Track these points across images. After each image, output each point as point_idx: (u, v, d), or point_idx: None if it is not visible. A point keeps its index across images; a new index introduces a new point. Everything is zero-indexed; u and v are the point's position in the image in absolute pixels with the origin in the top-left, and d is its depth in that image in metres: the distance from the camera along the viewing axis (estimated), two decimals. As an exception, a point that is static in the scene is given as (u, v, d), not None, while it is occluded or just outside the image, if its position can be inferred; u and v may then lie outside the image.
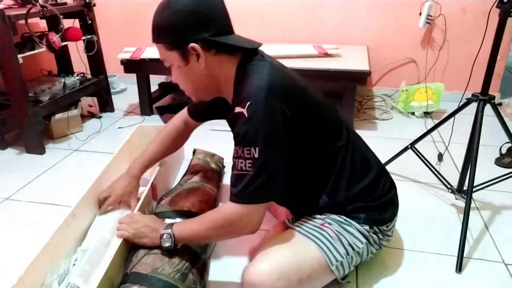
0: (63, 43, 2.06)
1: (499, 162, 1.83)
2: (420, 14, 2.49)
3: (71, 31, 2.10)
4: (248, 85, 0.88)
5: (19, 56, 1.82)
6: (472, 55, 1.42)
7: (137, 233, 1.02)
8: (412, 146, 1.59)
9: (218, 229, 0.93)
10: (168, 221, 1.09)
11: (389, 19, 2.60)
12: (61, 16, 1.95)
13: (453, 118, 1.49)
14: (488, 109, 1.32)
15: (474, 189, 1.30)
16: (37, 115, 1.91)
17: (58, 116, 2.10)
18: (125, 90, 2.99)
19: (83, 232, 1.22)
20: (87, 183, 1.27)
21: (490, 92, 1.31)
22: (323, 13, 2.66)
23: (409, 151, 1.60)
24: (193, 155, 1.66)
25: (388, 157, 1.66)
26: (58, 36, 1.92)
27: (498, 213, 1.46)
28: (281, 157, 0.88)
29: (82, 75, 2.37)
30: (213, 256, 1.24)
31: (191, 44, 0.88)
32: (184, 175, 1.52)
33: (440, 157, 1.86)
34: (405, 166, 1.72)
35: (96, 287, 0.87)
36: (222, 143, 1.57)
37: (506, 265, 1.22)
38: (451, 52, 2.60)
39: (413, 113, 2.46)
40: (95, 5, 2.26)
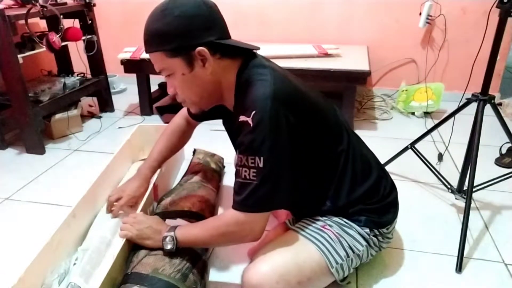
0: (63, 43, 2.06)
1: (499, 162, 1.83)
2: (420, 14, 2.48)
3: (71, 31, 2.10)
4: (252, 93, 0.86)
5: (19, 56, 1.82)
6: (472, 55, 1.42)
7: (140, 234, 1.02)
8: (412, 146, 1.60)
9: (220, 236, 0.94)
10: (169, 222, 1.10)
11: (389, 19, 2.60)
12: (61, 16, 1.95)
13: (453, 118, 1.49)
14: (488, 109, 1.32)
15: (474, 189, 1.30)
16: (37, 115, 1.91)
17: (58, 116, 2.10)
18: (125, 90, 2.99)
19: (83, 232, 1.22)
20: (87, 183, 1.28)
21: (490, 92, 1.32)
22: (323, 13, 2.66)
23: (409, 151, 1.60)
24: (193, 155, 1.66)
25: (388, 157, 1.66)
26: (58, 36, 1.92)
27: (498, 213, 1.47)
28: (285, 166, 0.88)
29: (82, 75, 2.37)
30: (213, 256, 1.24)
31: (198, 48, 0.85)
32: (184, 175, 1.52)
33: (440, 157, 1.86)
34: (405, 166, 1.72)
35: (98, 287, 0.87)
36: (222, 143, 1.56)
37: (506, 265, 1.22)
38: (451, 52, 2.60)
39: (413, 113, 2.46)
40: (95, 5, 2.26)
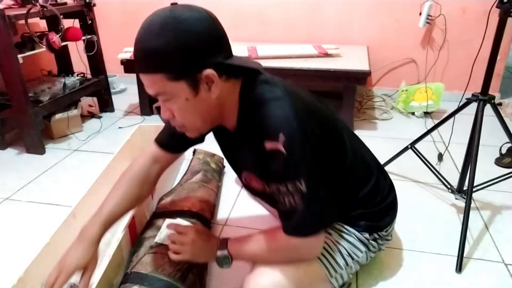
0: (63, 43, 2.06)
1: (499, 162, 1.83)
2: (420, 14, 2.48)
3: (71, 31, 2.10)
4: (270, 115, 0.78)
5: (19, 56, 1.82)
6: (472, 55, 1.42)
7: (193, 255, 0.97)
8: (412, 146, 1.59)
9: (281, 258, 0.90)
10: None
11: (389, 19, 2.60)
12: (61, 16, 1.95)
13: (453, 118, 1.49)
14: (488, 109, 1.32)
15: (474, 189, 1.30)
16: (37, 115, 1.91)
17: (58, 116, 2.10)
18: (125, 90, 2.99)
19: (83, 232, 1.22)
20: (87, 183, 1.28)
21: (490, 92, 1.32)
22: (323, 13, 2.66)
23: (409, 151, 1.60)
24: (193, 155, 1.66)
25: (388, 157, 1.66)
26: (58, 36, 1.92)
27: (498, 213, 1.47)
28: (325, 181, 0.83)
29: (82, 75, 2.37)
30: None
31: (206, 71, 0.73)
32: (184, 175, 1.52)
33: (440, 157, 1.86)
34: (405, 166, 1.72)
35: (95, 287, 0.87)
36: (222, 143, 1.56)
37: (506, 265, 1.22)
38: (451, 52, 2.60)
39: (413, 113, 2.46)
40: (95, 5, 2.26)
